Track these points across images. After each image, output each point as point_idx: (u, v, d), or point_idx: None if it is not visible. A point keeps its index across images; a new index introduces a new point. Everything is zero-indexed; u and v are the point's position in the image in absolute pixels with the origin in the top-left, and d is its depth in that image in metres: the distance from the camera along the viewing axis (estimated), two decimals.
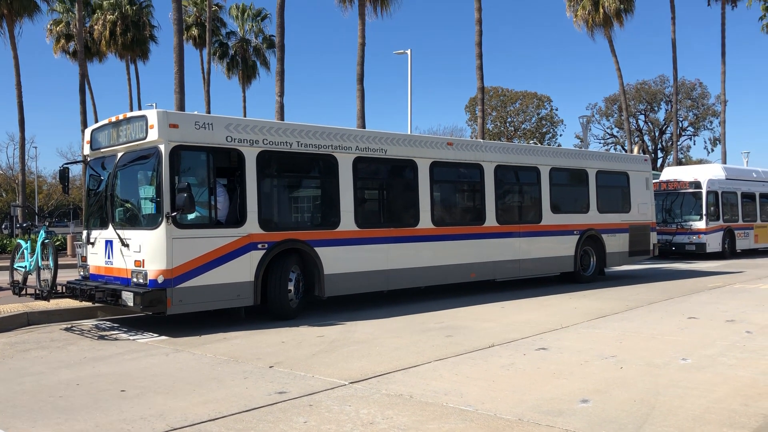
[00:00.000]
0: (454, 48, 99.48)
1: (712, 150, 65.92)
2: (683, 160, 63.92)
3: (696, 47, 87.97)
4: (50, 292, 9.99)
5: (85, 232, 10.57)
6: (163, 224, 9.03)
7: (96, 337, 9.10)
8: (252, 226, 9.90)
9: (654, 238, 17.22)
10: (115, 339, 9.00)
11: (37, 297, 10.20)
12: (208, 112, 37.04)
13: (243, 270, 9.76)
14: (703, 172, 23.97)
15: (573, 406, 5.42)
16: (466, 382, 6.23)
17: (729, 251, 23.26)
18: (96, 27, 41.61)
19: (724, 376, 6.33)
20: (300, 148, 10.62)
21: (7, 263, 13.13)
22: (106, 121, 10.35)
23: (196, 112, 9.95)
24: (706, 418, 5.05)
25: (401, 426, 4.95)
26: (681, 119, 63.24)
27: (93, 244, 10.27)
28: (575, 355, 7.39)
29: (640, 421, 4.97)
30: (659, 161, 65.19)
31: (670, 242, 22.71)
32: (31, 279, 10.62)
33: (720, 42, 41.84)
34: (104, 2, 41.74)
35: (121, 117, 9.97)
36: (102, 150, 10.35)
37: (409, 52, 30.58)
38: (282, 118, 24.77)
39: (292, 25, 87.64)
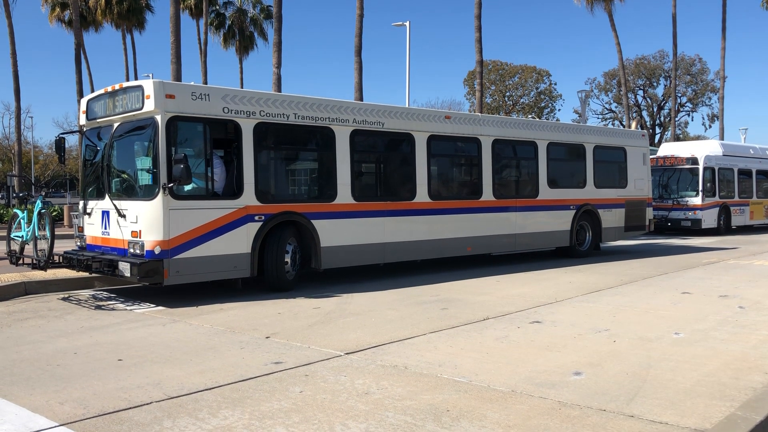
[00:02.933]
0: (453, 20, 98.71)
1: (710, 126, 65.88)
2: (681, 135, 63.86)
3: (696, 22, 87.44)
4: (47, 261, 10.02)
5: (81, 203, 10.56)
6: (160, 195, 9.02)
7: (93, 307, 9.14)
8: (249, 198, 9.90)
9: (650, 213, 17.27)
10: (112, 309, 9.04)
11: (34, 267, 10.22)
12: (205, 83, 36.80)
13: (240, 242, 9.78)
14: (701, 149, 23.95)
15: (566, 378, 5.48)
16: (460, 354, 6.29)
17: (724, 227, 23.35)
18: None
19: (715, 350, 6.40)
20: (297, 120, 10.58)
21: (3, 233, 13.15)
22: (102, 91, 10.29)
23: (192, 83, 9.89)
24: (697, 390, 5.12)
25: (396, 396, 5.00)
26: (680, 95, 63.06)
27: (89, 214, 10.27)
28: (569, 328, 7.45)
29: (632, 394, 5.03)
30: (657, 137, 65.13)
31: (666, 218, 22.79)
32: (28, 249, 10.63)
33: (721, 17, 41.61)
34: None
35: (117, 87, 9.90)
36: (98, 120, 10.29)
37: (407, 24, 30.31)
38: (279, 89, 24.63)
39: None
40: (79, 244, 10.62)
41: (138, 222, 9.22)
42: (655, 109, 68.19)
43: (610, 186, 16.15)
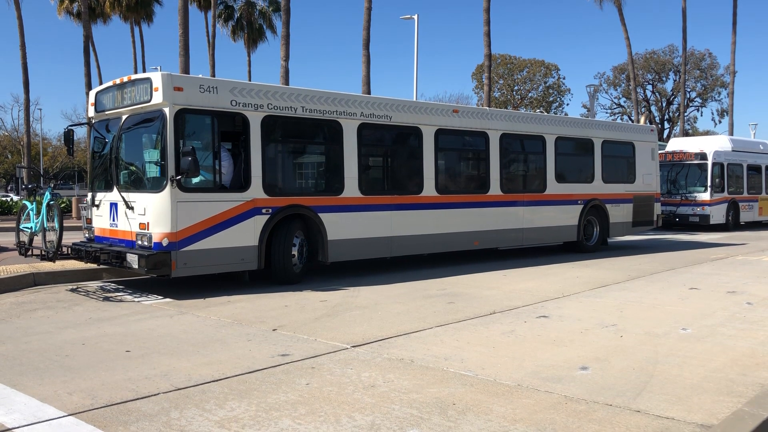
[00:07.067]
0: (461, 14, 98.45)
1: (720, 121, 65.65)
2: (690, 131, 63.55)
3: (706, 17, 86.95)
4: (56, 253, 10.07)
5: (89, 195, 10.60)
6: (168, 187, 9.05)
7: (101, 299, 9.19)
8: (256, 190, 9.91)
9: (658, 208, 17.20)
10: (120, 300, 9.09)
11: (43, 258, 10.28)
12: (213, 75, 36.82)
13: (247, 234, 9.80)
14: (709, 144, 23.83)
15: (572, 373, 5.48)
16: (466, 348, 6.29)
17: (733, 223, 23.24)
18: None
19: (723, 346, 6.38)
20: (305, 113, 10.58)
21: (13, 224, 13.22)
22: (110, 84, 10.31)
23: (200, 76, 9.91)
24: (704, 386, 5.11)
25: (402, 389, 5.01)
26: (689, 90, 62.72)
27: (98, 206, 10.31)
28: (576, 323, 7.44)
29: (639, 389, 5.03)
30: (666, 132, 64.86)
31: (674, 213, 22.70)
32: (37, 240, 10.68)
33: (731, 12, 41.32)
34: None
35: (125, 79, 9.92)
36: (107, 112, 10.32)
37: (416, 17, 30.22)
38: (287, 82, 24.64)
39: None
40: (87, 235, 10.66)
41: (146, 214, 9.25)
42: (664, 104, 67.90)
43: (618, 181, 16.09)
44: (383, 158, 12.39)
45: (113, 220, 9.93)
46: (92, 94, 10.90)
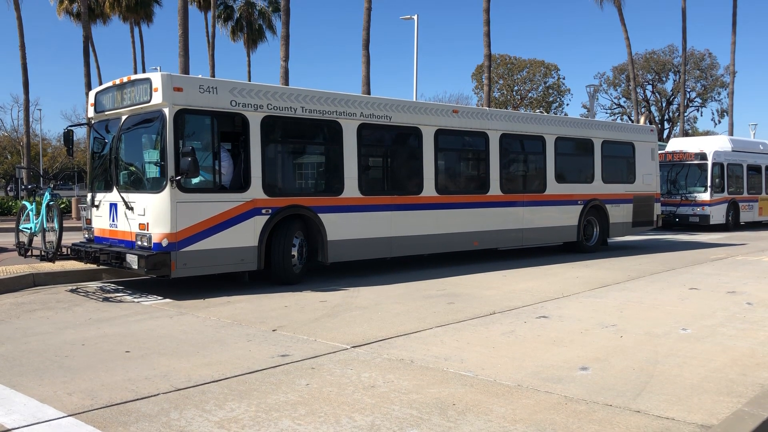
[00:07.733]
0: (461, 14, 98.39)
1: (719, 121, 65.68)
2: (690, 131, 63.57)
3: (707, 17, 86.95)
4: (55, 253, 10.06)
5: (89, 195, 10.60)
6: (168, 188, 9.04)
7: (101, 299, 9.18)
8: (256, 191, 9.91)
9: (658, 209, 17.20)
10: (120, 301, 9.08)
11: (43, 258, 10.27)
12: (213, 76, 36.82)
13: (247, 235, 9.80)
14: (709, 144, 23.83)
15: (572, 373, 5.47)
16: (466, 348, 6.29)
17: (733, 223, 23.24)
18: None
19: (723, 347, 6.37)
20: (304, 113, 10.58)
21: (12, 225, 13.21)
22: (110, 84, 10.31)
23: (200, 76, 9.90)
24: (704, 387, 5.11)
25: (402, 390, 5.01)
26: (689, 90, 62.74)
27: (97, 206, 10.31)
28: (576, 323, 7.44)
29: (639, 389, 5.02)
30: (666, 132, 64.87)
31: (674, 213, 22.70)
32: (37, 241, 10.68)
33: (731, 12, 41.34)
34: None
35: (125, 80, 9.92)
36: (106, 113, 10.32)
37: (415, 17, 30.19)
38: (287, 83, 24.64)
39: None
40: (87, 236, 10.66)
41: (146, 214, 9.25)
42: (663, 104, 67.92)
43: (618, 181, 16.09)
44: (383, 158, 12.39)
45: (113, 221, 9.93)
46: (92, 94, 10.90)
